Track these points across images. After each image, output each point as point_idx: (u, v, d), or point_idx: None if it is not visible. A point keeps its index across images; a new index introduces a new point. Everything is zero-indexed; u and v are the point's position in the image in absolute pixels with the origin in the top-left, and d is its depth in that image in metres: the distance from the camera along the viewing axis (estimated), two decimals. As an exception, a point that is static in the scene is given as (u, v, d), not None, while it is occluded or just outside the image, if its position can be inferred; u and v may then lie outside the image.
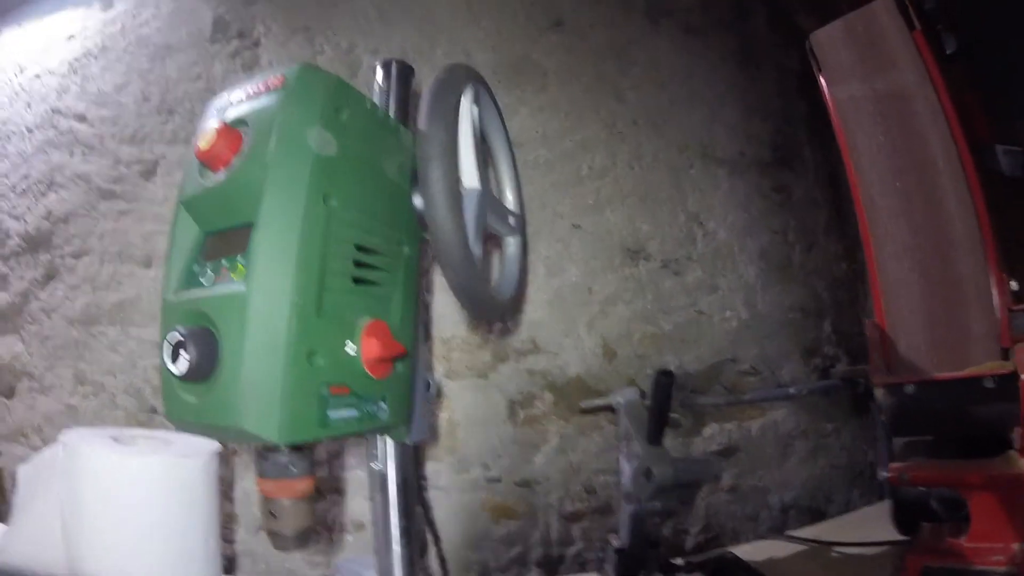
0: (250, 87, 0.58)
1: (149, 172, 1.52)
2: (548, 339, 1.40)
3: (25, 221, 1.67)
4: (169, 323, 0.54)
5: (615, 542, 1.04)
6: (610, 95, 1.47)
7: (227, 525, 1.34)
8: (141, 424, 1.43)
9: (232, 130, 0.55)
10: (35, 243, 1.63)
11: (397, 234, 0.62)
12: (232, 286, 0.51)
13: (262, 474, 0.58)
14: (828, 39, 1.25)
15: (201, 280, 0.56)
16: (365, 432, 0.63)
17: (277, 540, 0.61)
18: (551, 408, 1.39)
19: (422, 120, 0.60)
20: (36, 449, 1.58)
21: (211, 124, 0.56)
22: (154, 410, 1.45)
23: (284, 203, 0.51)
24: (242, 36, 1.52)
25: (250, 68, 1.50)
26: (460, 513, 1.36)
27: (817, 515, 1.57)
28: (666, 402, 0.92)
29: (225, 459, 0.96)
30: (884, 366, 1.15)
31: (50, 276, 1.59)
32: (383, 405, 0.61)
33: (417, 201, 0.65)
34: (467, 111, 0.66)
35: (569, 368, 1.40)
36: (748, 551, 1.23)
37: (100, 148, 1.58)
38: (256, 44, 1.51)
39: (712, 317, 1.47)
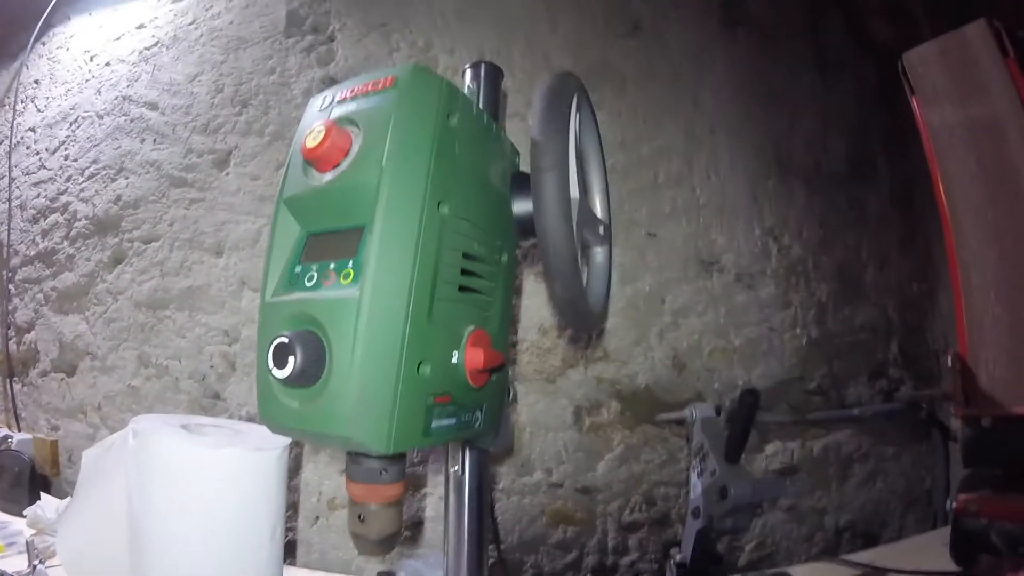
0: (357, 85, 0.56)
1: (222, 162, 1.54)
2: (618, 347, 1.38)
3: (93, 204, 1.70)
4: (271, 325, 0.52)
5: (677, 556, 1.03)
6: (688, 101, 1.45)
7: (286, 513, 1.36)
8: (204, 410, 1.45)
9: (342, 130, 0.53)
10: (103, 226, 1.66)
11: (498, 241, 0.61)
12: (343, 291, 0.49)
13: (352, 477, 0.57)
14: (921, 60, 1.21)
15: (305, 282, 0.53)
16: (460, 439, 0.61)
17: (362, 544, 0.60)
18: (617, 417, 1.37)
19: (538, 129, 0.59)
20: (94, 427, 1.63)
21: (317, 123, 0.53)
22: (217, 396, 1.47)
23: (399, 208, 0.50)
24: (316, 31, 1.53)
25: (325, 64, 1.50)
26: (519, 516, 1.35)
27: (871, 539, 1.53)
28: (749, 421, 0.90)
29: (289, 449, 0.96)
30: (963, 397, 1.12)
31: (118, 259, 1.62)
32: (479, 414, 0.60)
33: (517, 208, 0.64)
34: (573, 120, 0.64)
35: (638, 378, 1.38)
36: (803, 572, 1.21)
37: (172, 136, 1.61)
38: (331, 39, 1.51)
39: (783, 334, 1.44)
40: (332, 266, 0.52)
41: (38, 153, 1.89)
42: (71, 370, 1.69)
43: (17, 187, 1.91)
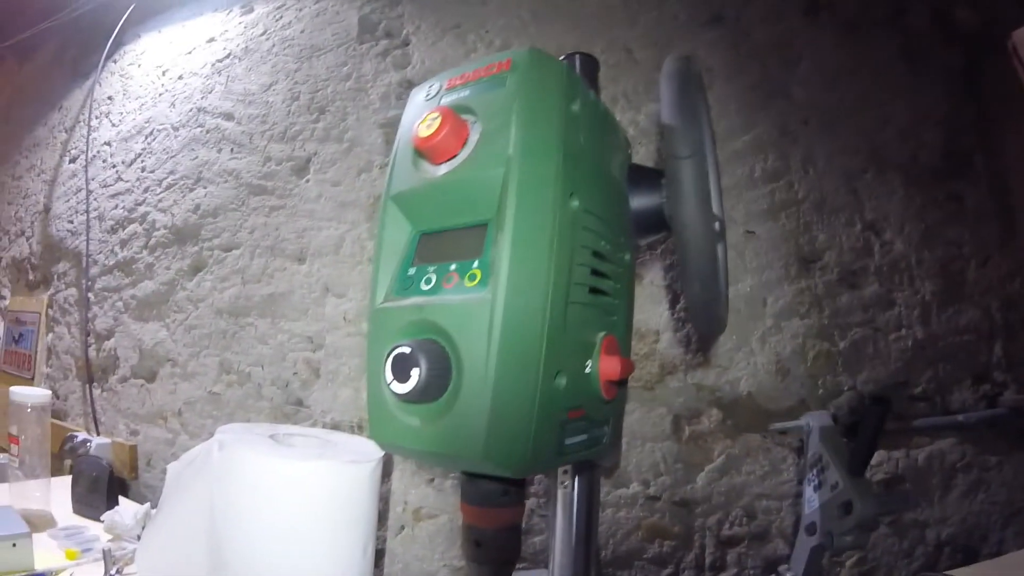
0: (467, 71, 0.52)
1: (301, 169, 1.54)
2: (719, 352, 1.33)
3: (172, 214, 1.72)
4: (384, 333, 0.48)
5: (787, 575, 0.97)
6: (778, 93, 1.39)
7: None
8: (287, 416, 1.44)
9: (459, 118, 0.48)
10: (183, 235, 1.68)
11: (622, 238, 0.56)
12: (470, 294, 0.44)
13: (469, 500, 0.53)
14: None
15: (421, 286, 0.48)
16: (589, 458, 0.57)
17: (477, 571, 0.56)
18: (718, 426, 1.32)
19: (672, 113, 0.54)
20: (174, 432, 1.64)
21: (431, 110, 0.48)
22: (300, 403, 1.46)
23: (531, 202, 0.45)
24: (390, 36, 1.52)
25: (402, 67, 1.49)
26: (614, 529, 1.31)
27: (970, 555, 1.44)
28: (878, 431, 0.84)
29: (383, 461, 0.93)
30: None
31: (198, 268, 1.64)
32: (607, 428, 0.55)
33: (636, 203, 0.60)
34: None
35: (739, 384, 1.32)
36: (908, 589, 1.13)
37: (249, 145, 1.62)
38: (406, 43, 1.50)
39: (888, 335, 1.37)
40: (453, 267, 0.47)
41: (115, 166, 1.93)
42: (151, 376, 1.71)
43: (95, 199, 1.95)
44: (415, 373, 0.43)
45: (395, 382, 0.43)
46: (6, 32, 2.30)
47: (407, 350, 0.43)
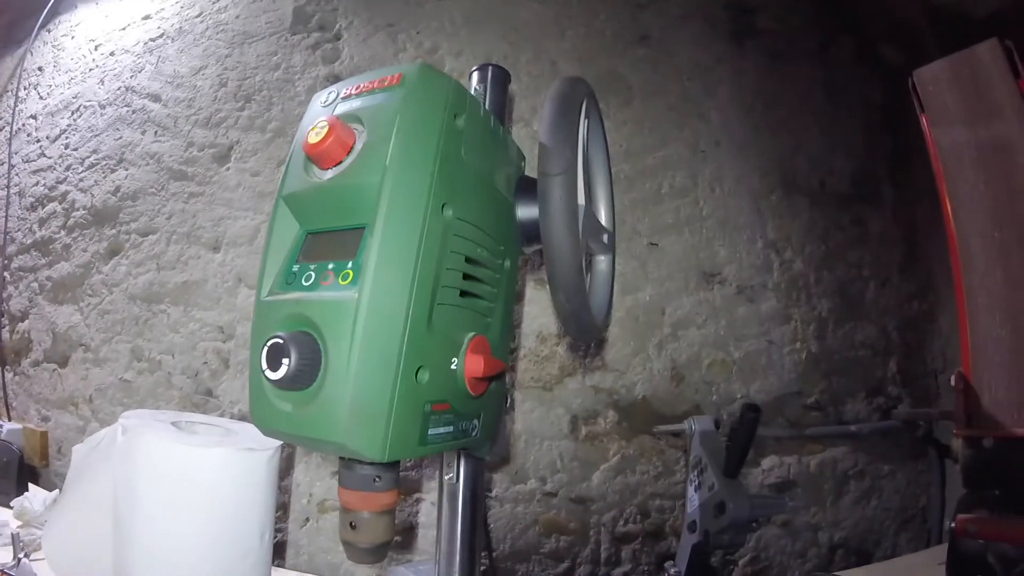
0: (362, 82, 0.55)
1: (223, 157, 1.53)
2: (617, 357, 1.37)
3: (92, 195, 1.69)
4: (265, 324, 0.51)
5: (672, 570, 1.01)
6: (694, 114, 1.44)
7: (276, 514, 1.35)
8: (196, 406, 1.43)
9: (346, 127, 0.51)
10: (101, 217, 1.65)
11: (502, 247, 0.60)
12: (341, 292, 0.48)
13: (345, 484, 0.56)
14: (932, 78, 1.20)
15: (302, 282, 0.52)
16: (457, 448, 0.60)
17: (353, 552, 0.58)
18: (614, 427, 1.36)
19: (547, 134, 0.58)
20: (85, 419, 1.61)
21: (321, 119, 0.52)
22: (210, 393, 1.45)
23: (403, 210, 0.48)
24: (323, 29, 1.52)
25: (331, 62, 1.50)
26: (512, 524, 1.34)
27: (864, 557, 1.52)
28: (750, 437, 0.89)
29: (281, 450, 0.95)
30: (965, 418, 1.11)
31: (114, 251, 1.61)
32: (476, 422, 0.58)
33: (522, 213, 0.63)
34: (581, 126, 0.63)
35: (635, 388, 1.37)
36: (797, 588, 1.19)
37: (173, 129, 1.60)
38: (337, 38, 1.51)
39: (783, 348, 1.44)
40: (331, 266, 0.50)
41: (39, 141, 1.88)
42: (63, 361, 1.68)
43: (16, 174, 1.89)
44: (286, 362, 0.46)
45: (268, 370, 0.46)
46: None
47: (280, 341, 0.46)
